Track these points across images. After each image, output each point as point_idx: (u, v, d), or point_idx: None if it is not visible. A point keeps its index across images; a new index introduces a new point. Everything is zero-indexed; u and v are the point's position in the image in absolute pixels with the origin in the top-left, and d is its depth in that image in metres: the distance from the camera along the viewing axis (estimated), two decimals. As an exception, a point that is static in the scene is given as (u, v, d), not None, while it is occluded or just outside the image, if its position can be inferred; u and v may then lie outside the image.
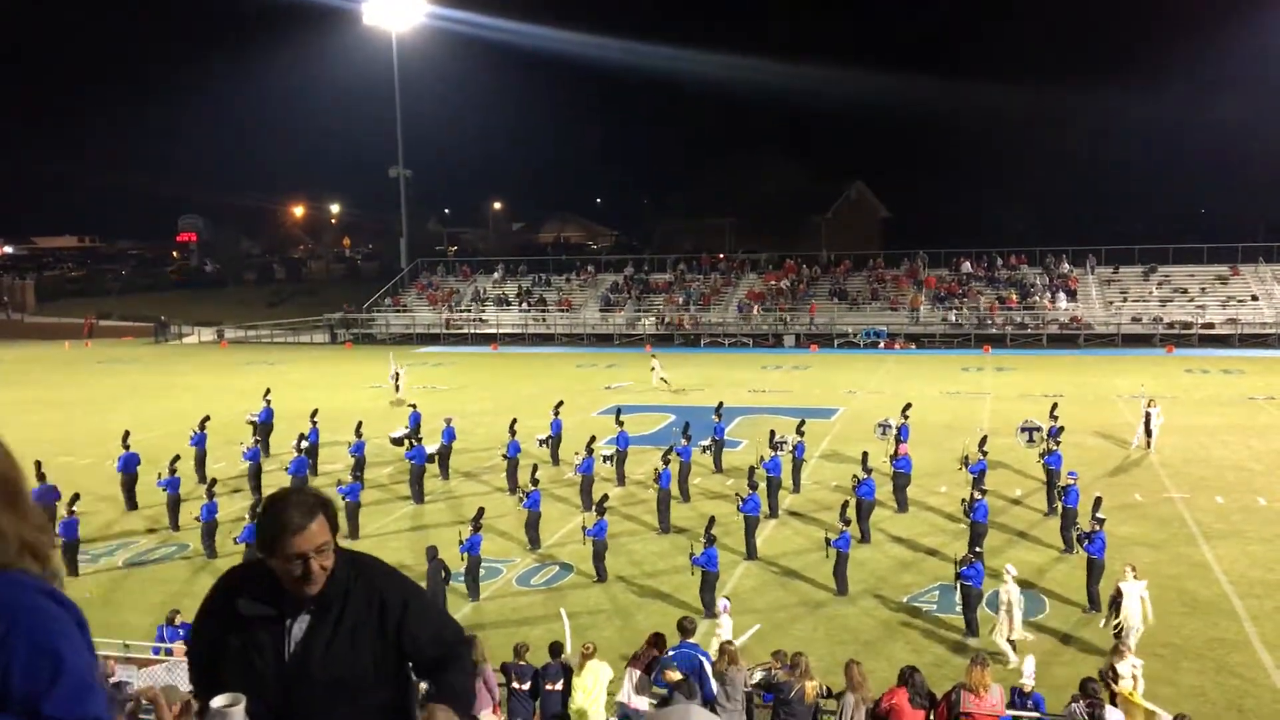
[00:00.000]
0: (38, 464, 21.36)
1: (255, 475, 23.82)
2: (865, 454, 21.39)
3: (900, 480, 21.96)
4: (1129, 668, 11.97)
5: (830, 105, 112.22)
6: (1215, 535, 19.86)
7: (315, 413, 27.04)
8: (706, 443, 25.26)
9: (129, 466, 23.41)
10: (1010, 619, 14.57)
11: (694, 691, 10.45)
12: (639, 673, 11.53)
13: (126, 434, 24.35)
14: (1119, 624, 14.09)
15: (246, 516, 18.66)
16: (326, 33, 79.01)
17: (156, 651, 13.51)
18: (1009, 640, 14.52)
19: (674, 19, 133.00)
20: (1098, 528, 16.20)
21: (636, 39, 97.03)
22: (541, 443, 26.27)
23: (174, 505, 21.73)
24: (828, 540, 17.38)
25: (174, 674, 12.28)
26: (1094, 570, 16.18)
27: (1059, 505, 19.71)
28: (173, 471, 21.80)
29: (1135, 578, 14.34)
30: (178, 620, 14.07)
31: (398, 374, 36.50)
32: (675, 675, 10.70)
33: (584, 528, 18.44)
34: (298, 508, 3.12)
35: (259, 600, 3.18)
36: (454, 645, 3.42)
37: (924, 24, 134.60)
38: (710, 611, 16.28)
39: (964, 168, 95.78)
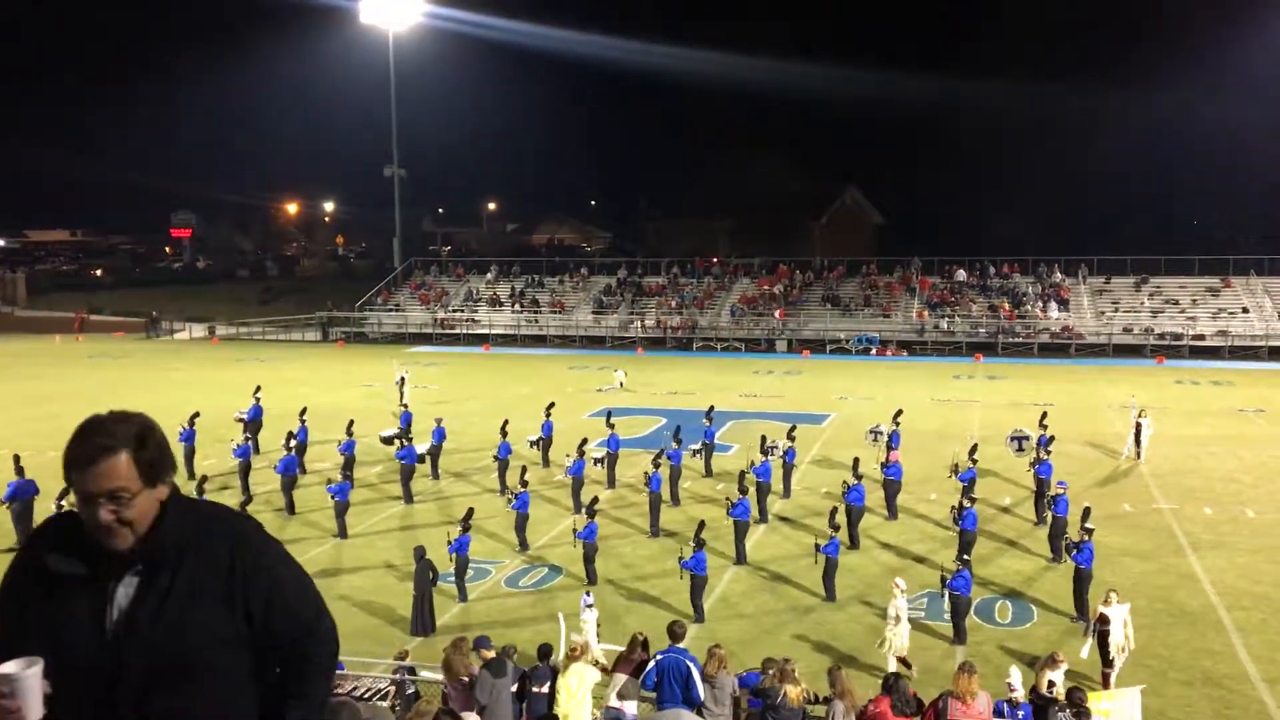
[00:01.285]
0: (16, 458, 21.22)
1: (244, 472, 23.71)
2: (856, 460, 21.39)
3: (891, 487, 21.97)
4: (1060, 675, 11.92)
5: (825, 111, 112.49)
6: (1203, 546, 19.90)
7: (304, 411, 26.99)
8: (697, 446, 25.22)
9: (117, 462, 23.27)
10: (898, 633, 14.18)
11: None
12: (625, 677, 11.51)
13: (115, 429, 24.22)
14: (1111, 659, 13.72)
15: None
16: (323, 31, 79.11)
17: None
18: (898, 658, 14.16)
19: (672, 23, 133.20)
20: (1086, 537, 16.20)
21: (632, 41, 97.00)
22: (532, 444, 26.21)
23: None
24: (817, 546, 17.38)
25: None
26: (1082, 580, 16.18)
27: (1048, 514, 19.73)
28: (162, 468, 21.67)
29: (1118, 601, 14.03)
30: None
31: (403, 379, 35.38)
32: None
33: (574, 530, 18.40)
34: (97, 436, 2.59)
35: (73, 555, 2.64)
36: (311, 626, 2.86)
37: (920, 34, 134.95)
38: (700, 616, 16.27)
39: (958, 176, 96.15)
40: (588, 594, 14.87)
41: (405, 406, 28.62)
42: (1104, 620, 13.85)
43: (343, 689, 11.90)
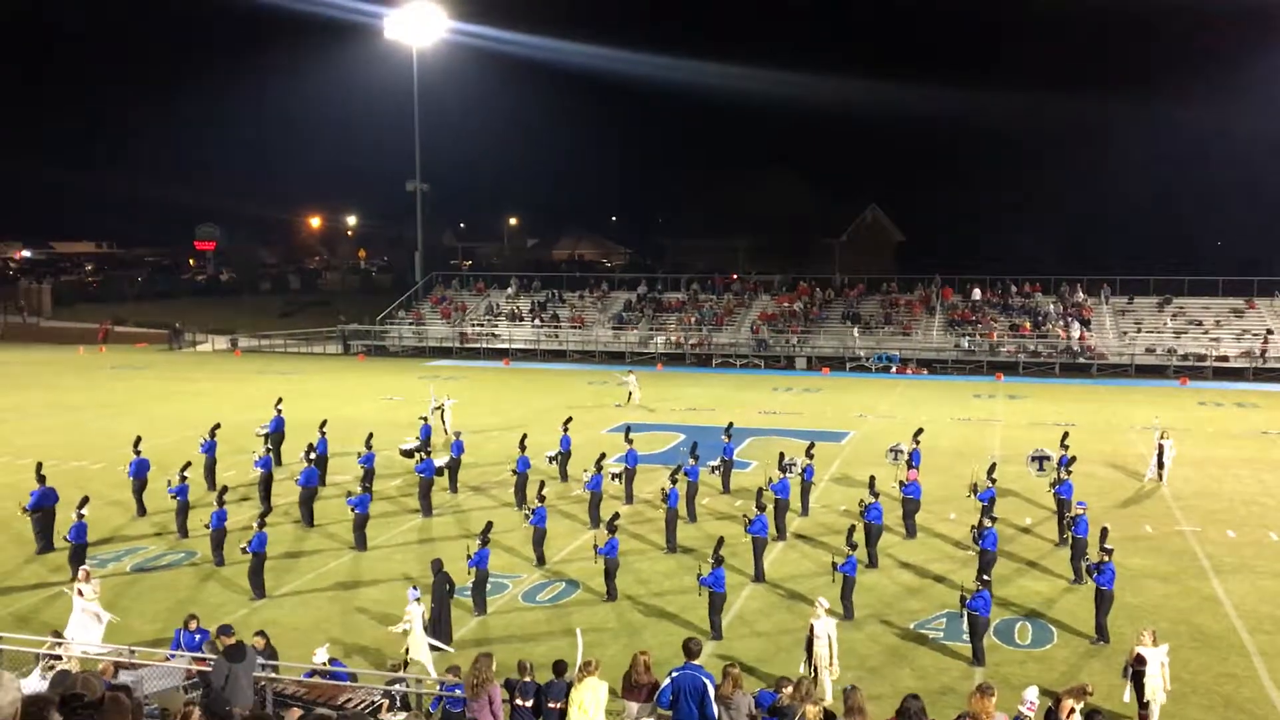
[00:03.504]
0: (38, 465, 21.54)
1: (265, 484, 23.86)
2: (873, 478, 21.31)
3: (909, 506, 21.88)
4: (1080, 703, 11.74)
5: (846, 128, 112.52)
6: (1226, 569, 19.71)
7: (324, 424, 27.13)
8: (715, 463, 25.20)
9: (140, 472, 23.50)
10: (830, 651, 14.05)
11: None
12: (637, 705, 11.53)
13: (138, 440, 24.43)
14: (1147, 701, 13.13)
15: (255, 525, 18.69)
16: (348, 46, 79.67)
17: (172, 656, 13.54)
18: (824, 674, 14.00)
19: (694, 40, 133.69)
20: (1106, 558, 16.07)
21: (654, 58, 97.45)
22: (551, 459, 26.24)
23: (183, 512, 21.77)
24: (835, 564, 17.31)
25: (173, 677, 12.28)
26: (1103, 601, 16.05)
27: (1069, 535, 19.59)
28: (183, 478, 21.85)
29: (1155, 643, 13.38)
30: (194, 625, 14.12)
31: (442, 407, 32.03)
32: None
33: (596, 546, 18.40)
34: None
35: None
36: None
37: (943, 52, 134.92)
38: (717, 633, 16.23)
39: (980, 194, 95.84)
40: (414, 588, 15.22)
41: (424, 419, 28.64)
42: (1140, 661, 13.33)
43: (338, 699, 11.95)
